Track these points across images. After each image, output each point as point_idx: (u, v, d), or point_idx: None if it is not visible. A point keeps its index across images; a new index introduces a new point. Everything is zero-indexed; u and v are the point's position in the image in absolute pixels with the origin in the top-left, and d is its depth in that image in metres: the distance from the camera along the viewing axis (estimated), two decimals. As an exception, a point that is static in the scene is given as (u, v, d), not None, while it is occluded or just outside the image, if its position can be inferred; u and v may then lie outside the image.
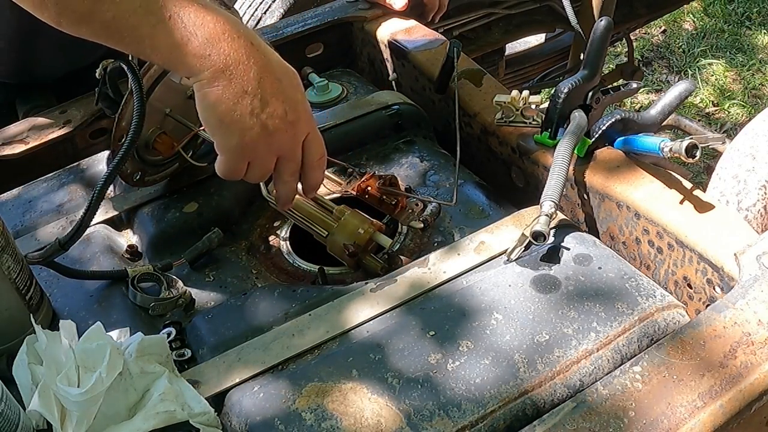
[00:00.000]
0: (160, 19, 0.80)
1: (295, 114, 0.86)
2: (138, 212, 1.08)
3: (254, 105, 0.83)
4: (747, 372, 0.73)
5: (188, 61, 0.82)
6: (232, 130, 0.84)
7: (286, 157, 0.89)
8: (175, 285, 0.97)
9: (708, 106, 3.06)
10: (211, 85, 0.82)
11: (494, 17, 1.90)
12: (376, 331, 0.85)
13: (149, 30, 0.81)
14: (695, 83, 3.07)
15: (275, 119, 0.85)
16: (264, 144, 0.86)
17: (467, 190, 1.07)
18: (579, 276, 0.88)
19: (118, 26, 0.81)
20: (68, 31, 0.84)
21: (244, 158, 0.88)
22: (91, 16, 0.81)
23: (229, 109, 0.83)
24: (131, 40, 0.83)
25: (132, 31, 0.81)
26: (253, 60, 0.83)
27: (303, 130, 0.88)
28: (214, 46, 0.81)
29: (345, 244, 0.96)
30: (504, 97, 1.10)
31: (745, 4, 3.55)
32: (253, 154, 0.87)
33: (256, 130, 0.84)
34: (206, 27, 0.81)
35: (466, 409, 0.75)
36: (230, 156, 0.88)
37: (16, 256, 0.85)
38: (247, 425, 0.77)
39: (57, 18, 0.82)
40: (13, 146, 1.19)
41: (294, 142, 0.88)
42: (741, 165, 1.36)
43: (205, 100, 0.84)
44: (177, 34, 0.81)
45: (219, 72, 0.82)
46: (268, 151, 0.87)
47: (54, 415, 0.74)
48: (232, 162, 0.88)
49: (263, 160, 0.88)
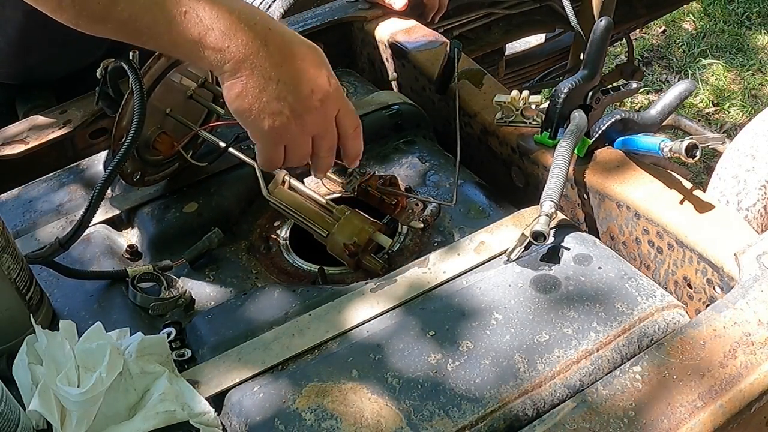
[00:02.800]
0: (175, 16, 0.81)
1: (322, 92, 0.86)
2: (138, 212, 1.08)
3: (279, 90, 0.84)
4: (747, 372, 0.73)
5: (207, 55, 0.82)
6: (261, 118, 0.85)
7: (321, 135, 0.89)
8: (175, 285, 0.96)
9: (708, 106, 3.06)
10: (234, 76, 0.83)
11: (494, 17, 1.90)
12: (376, 331, 0.85)
13: (166, 27, 0.81)
14: (695, 83, 3.07)
15: (303, 100, 0.85)
16: (296, 126, 0.86)
17: (467, 190, 1.07)
18: (579, 276, 0.88)
19: (135, 25, 0.82)
20: (87, 31, 0.85)
21: (279, 144, 0.88)
22: (108, 16, 0.82)
23: (256, 98, 0.84)
24: (149, 38, 0.83)
25: (149, 29, 0.82)
26: (272, 45, 0.83)
27: (333, 107, 0.88)
28: (232, 38, 0.82)
29: (345, 244, 0.96)
30: (504, 97, 1.10)
31: (745, 4, 3.55)
32: (288, 138, 0.88)
33: (285, 113, 0.85)
34: (222, 19, 0.81)
35: (466, 409, 0.75)
36: (265, 143, 0.88)
37: (16, 256, 0.85)
38: (247, 425, 0.77)
39: (75, 19, 0.83)
40: (13, 146, 1.19)
41: (326, 120, 0.89)
42: (741, 165, 1.36)
43: (230, 93, 0.84)
44: (194, 29, 0.81)
45: (239, 63, 0.82)
46: (301, 132, 0.88)
47: (54, 415, 0.74)
48: (268, 149, 0.89)
49: (299, 143, 0.89)
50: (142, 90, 0.91)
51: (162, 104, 1.02)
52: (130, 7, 0.81)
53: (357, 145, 0.94)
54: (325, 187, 1.09)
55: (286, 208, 1.00)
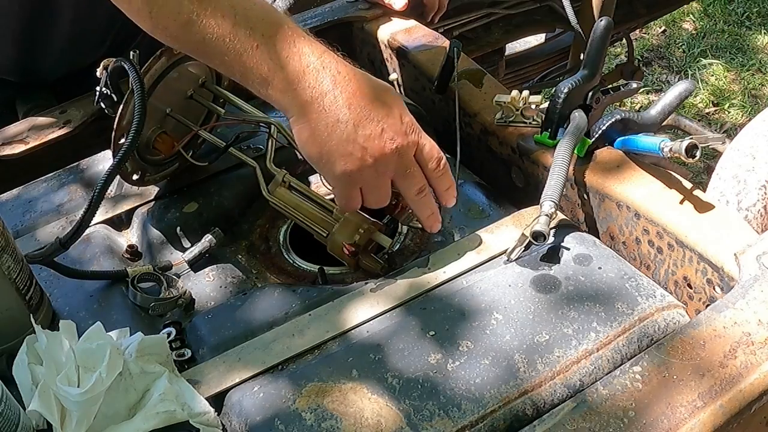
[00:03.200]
0: (246, 49, 0.80)
1: (395, 130, 0.84)
2: (138, 212, 1.08)
3: (348, 131, 0.82)
4: (747, 372, 0.73)
5: (275, 96, 0.82)
6: (332, 161, 0.84)
7: (402, 175, 0.87)
8: (175, 285, 0.97)
9: (708, 106, 3.06)
10: (302, 120, 0.83)
11: (494, 17, 1.89)
12: (376, 331, 0.85)
13: (236, 58, 0.81)
14: (695, 83, 3.07)
15: (374, 140, 0.83)
16: (370, 168, 0.84)
17: (467, 190, 1.07)
18: (579, 276, 0.88)
19: (207, 50, 0.82)
20: (164, 42, 0.86)
21: (354, 186, 0.87)
22: (182, 36, 0.82)
23: (324, 141, 0.83)
24: (220, 64, 0.84)
25: (221, 57, 0.82)
26: (340, 88, 0.82)
27: (410, 145, 0.86)
28: (299, 82, 0.81)
29: (345, 244, 0.96)
30: (504, 97, 1.10)
31: (745, 4, 3.55)
32: (363, 181, 0.86)
33: (356, 155, 0.83)
34: (291, 62, 0.81)
35: (466, 409, 0.75)
36: (340, 186, 0.87)
37: (16, 256, 0.85)
38: (247, 425, 0.77)
39: (152, 31, 0.84)
40: (13, 146, 1.19)
41: (403, 160, 0.86)
42: (741, 165, 1.36)
43: (300, 137, 0.84)
44: (262, 67, 0.81)
45: (307, 105, 0.82)
46: (376, 174, 0.86)
47: (54, 415, 0.74)
48: (343, 191, 0.88)
49: (375, 185, 0.87)
50: (142, 90, 0.91)
51: (162, 104, 1.02)
52: (203, 31, 0.80)
53: (446, 181, 0.91)
54: (325, 187, 1.09)
55: (286, 208, 1.00)
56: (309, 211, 1.00)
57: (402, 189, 0.89)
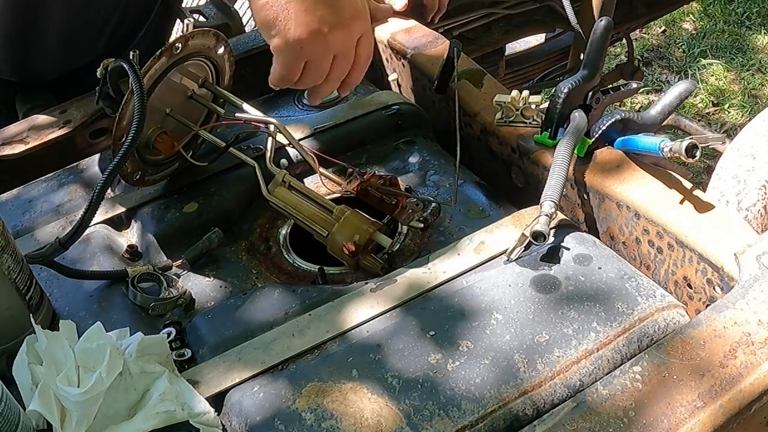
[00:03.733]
0: None
1: (354, 9, 0.84)
2: (138, 212, 1.08)
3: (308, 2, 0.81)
4: (747, 372, 0.73)
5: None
6: (287, 28, 0.82)
7: (342, 56, 0.86)
8: (175, 285, 0.97)
9: (708, 106, 3.06)
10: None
11: (494, 17, 1.89)
12: (376, 331, 0.85)
13: None
14: (695, 83, 3.07)
15: (334, 14, 0.82)
16: (322, 42, 0.83)
17: (467, 190, 1.08)
18: (579, 276, 0.88)
19: None
20: None
21: (300, 59, 0.85)
22: None
23: (282, 8, 0.81)
24: None
25: None
26: None
27: (360, 28, 0.86)
28: None
29: (345, 244, 0.96)
30: (504, 97, 1.10)
31: (745, 4, 3.55)
32: (311, 52, 0.84)
33: (314, 26, 0.82)
34: None
35: (466, 409, 0.75)
36: (287, 55, 0.85)
37: (16, 256, 0.85)
38: (247, 425, 0.77)
39: None
40: (13, 146, 1.19)
41: (350, 40, 0.86)
42: (741, 165, 1.36)
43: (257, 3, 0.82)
44: None
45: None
46: (326, 49, 0.85)
47: (54, 415, 0.74)
48: (288, 62, 0.85)
49: (320, 60, 0.86)
50: (142, 90, 0.91)
51: (162, 104, 1.02)
52: None
53: (359, 76, 0.91)
54: (325, 187, 1.09)
55: (286, 208, 1.00)
56: (309, 211, 1.00)
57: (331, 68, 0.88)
